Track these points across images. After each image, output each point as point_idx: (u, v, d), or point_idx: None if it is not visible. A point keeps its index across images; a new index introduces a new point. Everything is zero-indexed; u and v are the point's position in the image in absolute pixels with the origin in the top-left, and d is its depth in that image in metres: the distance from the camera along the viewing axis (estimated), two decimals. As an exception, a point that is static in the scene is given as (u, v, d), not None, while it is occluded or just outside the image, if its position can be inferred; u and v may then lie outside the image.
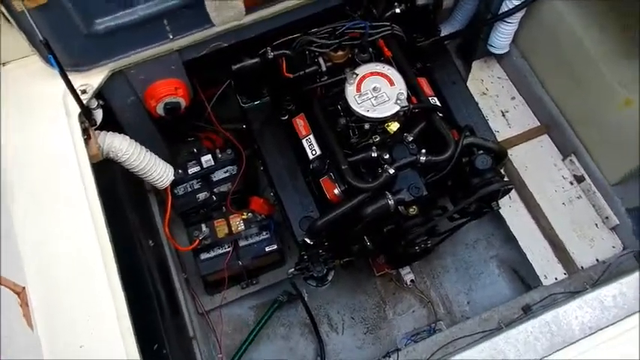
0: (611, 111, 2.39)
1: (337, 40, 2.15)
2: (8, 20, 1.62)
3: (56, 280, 1.48)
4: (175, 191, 2.39)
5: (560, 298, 2.32)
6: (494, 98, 3.00)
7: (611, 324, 1.56)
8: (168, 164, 2.22)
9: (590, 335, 1.54)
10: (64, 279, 1.49)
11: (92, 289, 1.48)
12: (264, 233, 2.42)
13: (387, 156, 1.99)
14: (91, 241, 1.54)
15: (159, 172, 2.15)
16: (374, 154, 2.00)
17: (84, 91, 1.83)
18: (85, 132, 1.80)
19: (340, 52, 2.19)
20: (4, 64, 1.85)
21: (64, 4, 1.58)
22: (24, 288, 1.42)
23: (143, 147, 2.09)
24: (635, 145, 2.34)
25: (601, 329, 1.56)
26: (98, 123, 1.94)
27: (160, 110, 2.07)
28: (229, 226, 2.39)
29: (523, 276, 2.73)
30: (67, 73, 1.63)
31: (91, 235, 1.55)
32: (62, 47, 1.67)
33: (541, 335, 1.59)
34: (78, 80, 1.81)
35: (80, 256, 1.53)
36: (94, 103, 1.91)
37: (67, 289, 1.48)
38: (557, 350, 1.53)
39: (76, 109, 1.77)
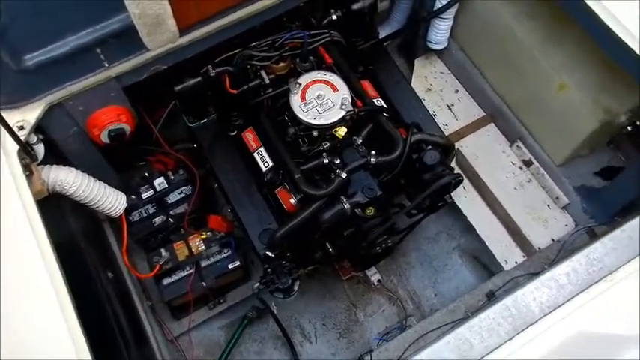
0: (548, 96, 2.48)
1: (277, 52, 2.16)
2: None
3: (8, 332, 1.42)
4: (130, 218, 2.35)
5: (521, 281, 2.38)
6: (439, 93, 3.06)
7: (567, 300, 1.61)
8: (119, 192, 2.18)
9: (548, 314, 1.59)
10: (18, 329, 1.43)
11: (49, 333, 1.43)
12: (225, 251, 2.40)
13: (338, 161, 2.01)
14: (43, 284, 1.49)
15: (110, 200, 2.11)
16: (325, 161, 2.02)
17: (21, 127, 1.77)
18: (27, 168, 1.75)
19: (282, 64, 2.20)
20: None
21: (-11, 42, 1.53)
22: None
23: (91, 177, 2.04)
24: (574, 125, 2.44)
25: (558, 307, 1.61)
26: (40, 158, 1.89)
27: (104, 138, 2.03)
28: (189, 247, 2.36)
29: (485, 263, 2.79)
30: (2, 111, 1.59)
31: (43, 278, 1.49)
32: (-7, 85, 1.63)
33: (502, 320, 1.62)
34: (14, 117, 1.76)
35: (34, 301, 1.47)
36: (34, 139, 1.86)
37: (23, 339, 1.42)
38: (520, 332, 1.57)
39: (15, 147, 1.72)
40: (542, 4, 2.46)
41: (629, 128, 2.34)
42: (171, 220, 2.40)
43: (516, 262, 2.63)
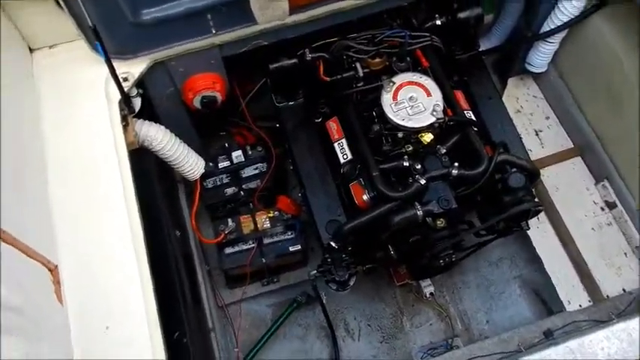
0: (650, 138, 2.34)
1: (376, 47, 2.15)
2: (59, 4, 1.66)
3: (88, 262, 1.51)
4: (205, 184, 2.42)
5: (583, 326, 2.26)
6: (528, 116, 2.96)
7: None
8: (200, 157, 2.25)
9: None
10: (95, 261, 1.52)
11: (122, 273, 1.51)
12: (289, 233, 2.43)
13: (418, 166, 1.98)
14: (123, 226, 1.57)
15: (191, 163, 2.18)
16: (406, 164, 1.99)
17: (125, 79, 1.86)
18: (124, 119, 1.84)
19: (378, 59, 2.19)
20: (51, 46, 1.89)
21: (114, -8, 1.61)
22: (56, 266, 1.45)
23: (177, 138, 2.12)
24: (672, 174, 2.30)
25: (627, 362, 1.52)
26: (136, 111, 1.97)
27: (196, 103, 2.09)
28: (255, 222, 2.41)
29: (546, 299, 2.68)
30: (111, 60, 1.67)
31: (124, 220, 1.57)
32: (108, 34, 1.70)
33: (564, 363, 1.56)
34: (120, 68, 1.84)
35: (112, 241, 1.55)
36: (134, 92, 1.95)
37: (98, 272, 1.51)
38: (581, 378, 1.50)
39: (117, 96, 1.81)
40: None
41: None
42: (242, 193, 2.45)
43: (580, 306, 2.51)
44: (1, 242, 1.21)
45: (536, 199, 2.06)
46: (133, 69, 1.88)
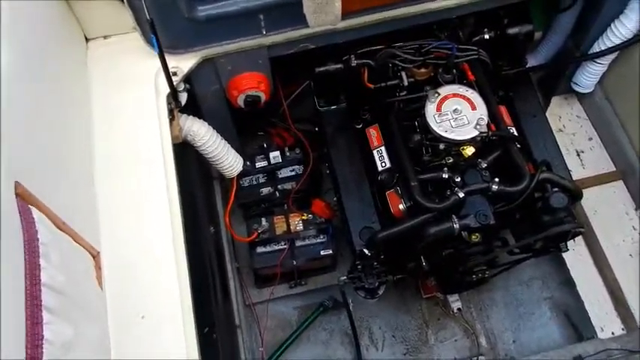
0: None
1: (422, 58, 2.15)
2: (119, -4, 1.71)
3: (128, 252, 1.53)
4: (241, 182, 2.44)
5: (615, 355, 2.21)
6: (571, 137, 2.91)
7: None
8: (238, 155, 2.27)
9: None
10: (135, 252, 1.54)
11: (160, 266, 1.53)
12: (321, 237, 2.43)
13: (458, 179, 1.96)
14: (164, 219, 1.59)
15: (230, 161, 2.20)
16: (445, 175, 1.97)
17: (174, 73, 1.88)
18: (171, 113, 1.87)
19: (423, 70, 2.18)
20: (105, 37, 1.94)
21: (172, -14, 1.64)
22: (99, 252, 1.48)
23: (219, 135, 2.14)
24: None
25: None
26: (182, 105, 2.00)
27: (240, 102, 2.12)
28: (288, 224, 2.42)
29: (576, 324, 2.62)
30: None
31: (165, 214, 1.60)
32: (163, 28, 1.73)
33: (598, 390, 1.52)
34: (171, 62, 1.86)
35: (153, 233, 1.58)
36: (181, 86, 1.98)
37: (137, 262, 1.53)
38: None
39: (166, 90, 1.84)
40: None
41: None
42: (277, 194, 2.47)
43: (613, 333, 2.46)
44: (53, 226, 1.24)
45: (576, 221, 2.02)
46: (182, 64, 1.91)
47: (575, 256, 2.63)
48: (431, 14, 2.01)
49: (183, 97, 2.00)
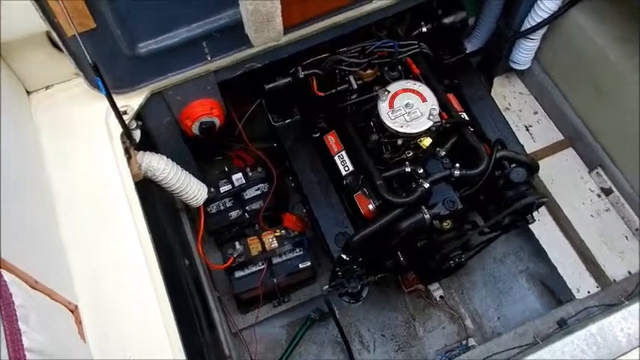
0: (638, 123, 2.40)
1: (367, 59, 2.19)
2: (56, 45, 1.67)
3: (107, 297, 1.50)
4: (208, 209, 2.42)
5: (595, 312, 2.30)
6: (517, 113, 3.02)
7: (659, 334, 1.55)
8: (202, 183, 2.25)
9: (638, 347, 1.54)
10: (114, 295, 1.51)
11: (141, 304, 1.50)
12: (297, 250, 2.43)
13: (420, 170, 2.01)
14: (138, 258, 1.57)
15: (193, 190, 2.18)
16: (408, 169, 2.02)
17: (124, 112, 1.86)
18: (127, 152, 1.84)
19: (369, 71, 2.23)
20: (47, 87, 1.89)
21: (111, 29, 1.62)
22: (77, 306, 1.44)
23: (179, 166, 2.12)
24: (664, 155, 2.36)
25: (648, 340, 1.55)
26: (137, 143, 1.97)
27: (195, 130, 2.11)
28: (262, 243, 2.40)
29: (554, 289, 2.71)
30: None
31: (138, 253, 1.57)
32: (106, 70, 1.70)
33: (587, 348, 1.58)
34: (119, 101, 1.84)
35: (129, 273, 1.55)
36: (134, 124, 1.95)
37: (118, 306, 1.50)
38: (606, 362, 1.53)
39: (118, 129, 1.81)
40: (637, 29, 2.39)
41: None
42: (246, 215, 2.46)
43: (589, 292, 2.55)
44: (27, 286, 1.20)
45: (538, 191, 2.10)
46: (131, 101, 1.89)
47: (542, 225, 2.73)
48: (368, 16, 2.06)
49: (137, 135, 1.98)
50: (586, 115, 2.75)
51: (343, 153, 2.20)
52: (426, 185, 1.96)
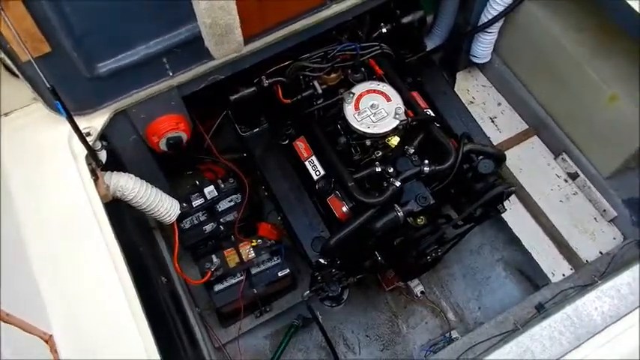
0: (598, 107, 2.47)
1: (330, 64, 2.21)
2: (11, 71, 1.64)
3: (82, 324, 1.47)
4: (182, 225, 2.39)
5: (571, 294, 2.36)
6: (482, 106, 3.08)
7: (631, 311, 1.59)
8: (173, 199, 2.22)
9: (613, 323, 1.58)
10: (89, 323, 1.48)
11: (118, 327, 1.48)
12: (275, 258, 2.43)
13: (391, 169, 2.03)
14: (112, 280, 1.54)
15: (165, 207, 2.15)
16: (378, 169, 2.04)
17: (88, 134, 1.83)
18: (93, 173, 1.81)
19: (333, 75, 2.25)
20: (5, 114, 1.85)
21: (67, 51, 1.60)
22: (51, 335, 1.41)
23: (148, 184, 2.09)
24: (624, 137, 2.42)
25: (621, 317, 1.59)
26: (103, 163, 1.95)
27: (162, 146, 2.08)
28: (240, 254, 2.39)
29: (530, 275, 2.77)
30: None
31: (112, 274, 1.54)
32: (66, 93, 1.67)
33: (564, 329, 1.62)
34: (82, 123, 1.81)
35: (104, 296, 1.52)
36: (98, 145, 1.92)
37: (94, 331, 1.47)
38: (584, 341, 1.56)
39: (83, 152, 1.78)
40: (589, 16, 2.47)
41: (681, 139, 2.32)
42: (221, 228, 2.44)
43: (564, 275, 2.61)
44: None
45: (507, 181, 2.14)
46: (94, 122, 1.86)
47: (514, 214, 2.78)
48: (328, 21, 2.07)
49: (103, 155, 1.95)
50: (547, 104, 2.81)
51: (313, 158, 2.21)
52: (397, 183, 1.98)
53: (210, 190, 2.47)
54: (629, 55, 2.33)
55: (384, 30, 2.32)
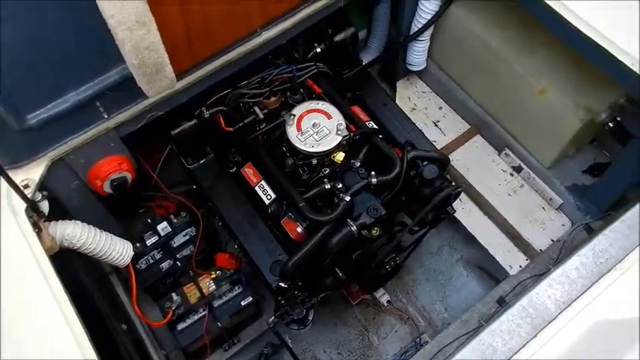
0: (530, 102, 2.58)
1: (268, 88, 2.23)
2: None
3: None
4: (137, 266, 2.34)
5: (529, 284, 2.42)
6: (424, 111, 3.15)
7: (581, 294, 1.65)
8: (125, 240, 2.18)
9: (565, 309, 1.63)
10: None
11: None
12: (236, 288, 2.40)
13: (340, 185, 2.05)
14: (65, 335, 1.49)
15: (118, 250, 2.11)
16: (327, 186, 2.06)
17: (26, 186, 1.78)
18: (36, 226, 1.76)
19: (273, 98, 2.27)
20: None
21: (-7, 106, 1.56)
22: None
23: (97, 229, 2.05)
24: (558, 128, 2.53)
25: (573, 301, 1.65)
26: (46, 214, 1.89)
27: (107, 188, 2.05)
28: (200, 289, 2.35)
29: (490, 271, 2.83)
30: (7, 172, 1.60)
31: (65, 332, 1.49)
32: (-3, 147, 1.65)
33: (521, 320, 1.66)
34: (18, 176, 1.77)
35: (56, 355, 1.46)
36: (38, 196, 1.87)
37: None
38: (540, 330, 1.60)
39: (22, 205, 1.73)
40: (512, 15, 2.58)
41: (610, 124, 2.43)
42: (178, 264, 2.40)
43: (520, 266, 2.68)
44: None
45: (453, 183, 2.19)
46: (31, 174, 1.81)
47: (467, 213, 2.85)
48: (261, 47, 2.10)
49: (45, 206, 1.90)
50: (485, 103, 2.91)
51: (263, 182, 2.21)
52: (348, 198, 2.01)
53: (163, 227, 2.43)
54: (553, 47, 2.45)
55: (319, 49, 2.36)
